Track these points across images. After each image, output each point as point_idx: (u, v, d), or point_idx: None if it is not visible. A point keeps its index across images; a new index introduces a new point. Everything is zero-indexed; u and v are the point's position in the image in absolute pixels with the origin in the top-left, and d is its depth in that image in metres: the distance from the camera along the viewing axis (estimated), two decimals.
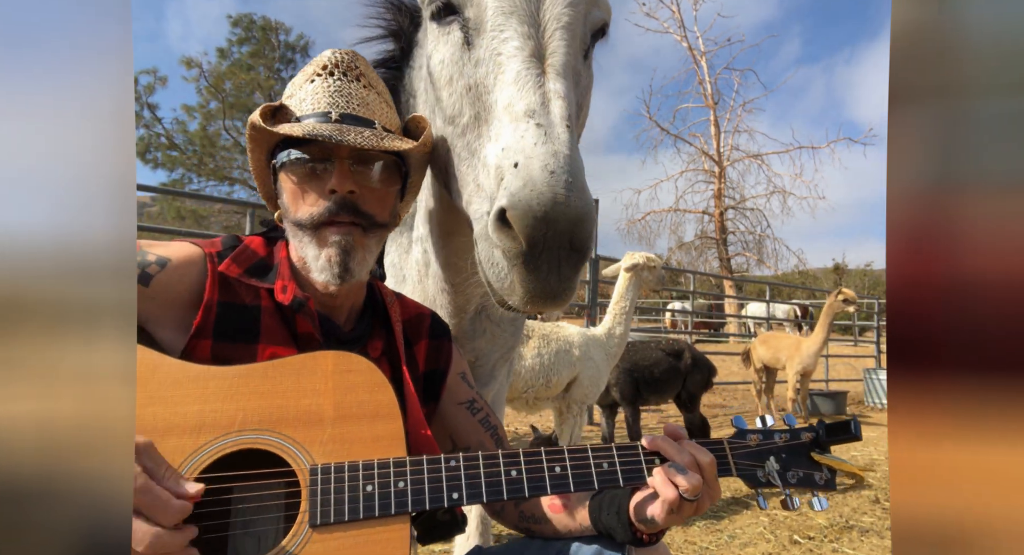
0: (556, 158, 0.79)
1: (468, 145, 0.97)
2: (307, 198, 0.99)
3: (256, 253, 1.06)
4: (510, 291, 0.85)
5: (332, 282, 0.98)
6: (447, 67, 1.01)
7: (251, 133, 1.01)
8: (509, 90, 0.88)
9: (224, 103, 20.71)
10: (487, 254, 0.88)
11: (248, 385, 0.88)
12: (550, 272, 0.81)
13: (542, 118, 0.84)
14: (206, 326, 0.96)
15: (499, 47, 0.92)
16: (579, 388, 4.18)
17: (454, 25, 1.01)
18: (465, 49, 0.98)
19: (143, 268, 0.95)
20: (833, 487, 0.98)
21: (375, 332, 1.13)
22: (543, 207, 0.76)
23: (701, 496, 0.90)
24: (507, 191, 0.79)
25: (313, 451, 0.87)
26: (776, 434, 1.01)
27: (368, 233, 1.01)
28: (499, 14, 0.93)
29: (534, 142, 0.81)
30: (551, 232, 0.78)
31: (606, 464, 0.94)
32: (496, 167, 0.85)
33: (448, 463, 0.89)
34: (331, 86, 1.03)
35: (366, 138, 0.96)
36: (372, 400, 0.92)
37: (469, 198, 0.96)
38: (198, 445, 0.83)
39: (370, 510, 0.84)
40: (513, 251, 0.81)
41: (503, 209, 0.79)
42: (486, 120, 0.93)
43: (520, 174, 0.79)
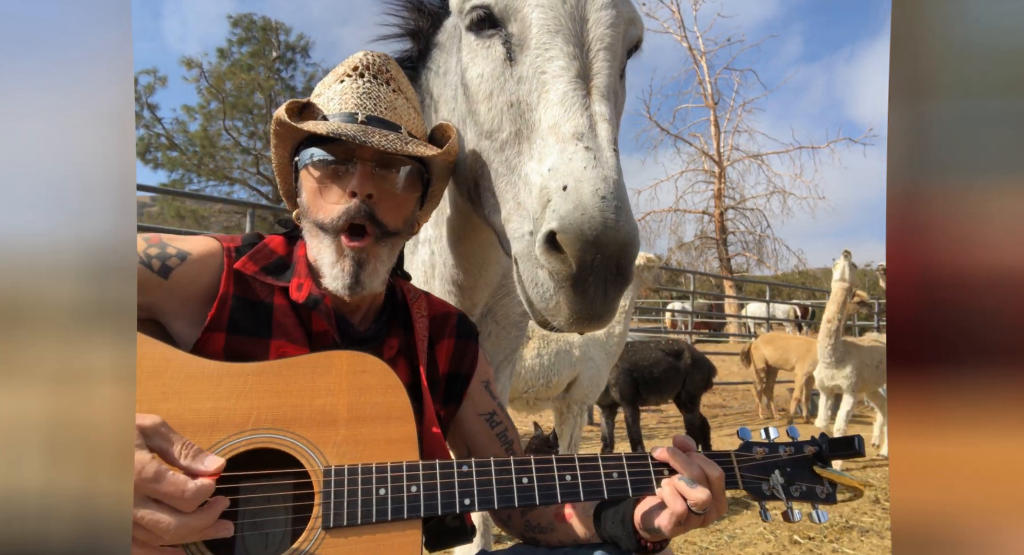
0: (606, 183, 0.80)
1: (507, 161, 0.97)
2: (327, 198, 0.99)
3: (275, 252, 1.06)
4: (555, 312, 0.86)
5: (343, 293, 0.98)
6: (486, 81, 1.00)
7: (276, 128, 1.01)
8: (555, 110, 0.88)
9: (224, 103, 20.70)
10: (530, 274, 0.88)
11: (262, 383, 0.88)
12: (596, 295, 0.82)
13: (590, 141, 0.85)
14: (220, 320, 0.96)
15: (544, 66, 0.92)
16: (579, 388, 4.21)
17: (495, 39, 1.00)
18: (507, 65, 0.98)
19: (163, 260, 0.96)
20: (834, 501, 1.00)
21: (392, 331, 1.12)
22: (594, 231, 0.78)
23: (708, 509, 0.90)
24: (556, 214, 0.80)
25: (327, 452, 0.87)
26: (780, 447, 1.03)
27: (380, 243, 1.00)
28: (544, 32, 0.93)
29: (583, 165, 0.82)
30: (600, 256, 0.79)
31: (616, 474, 0.94)
32: (541, 188, 0.85)
33: (460, 469, 0.90)
34: (360, 88, 1.03)
35: (390, 141, 0.96)
36: (386, 402, 0.92)
37: (508, 215, 0.96)
38: (212, 443, 0.83)
39: (383, 514, 0.84)
40: (562, 273, 0.82)
41: (553, 232, 0.80)
42: (528, 138, 0.93)
43: (570, 197, 0.80)
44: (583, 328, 0.86)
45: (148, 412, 0.81)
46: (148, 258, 0.95)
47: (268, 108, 21.54)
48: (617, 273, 0.82)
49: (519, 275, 0.92)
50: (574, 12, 0.94)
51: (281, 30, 21.88)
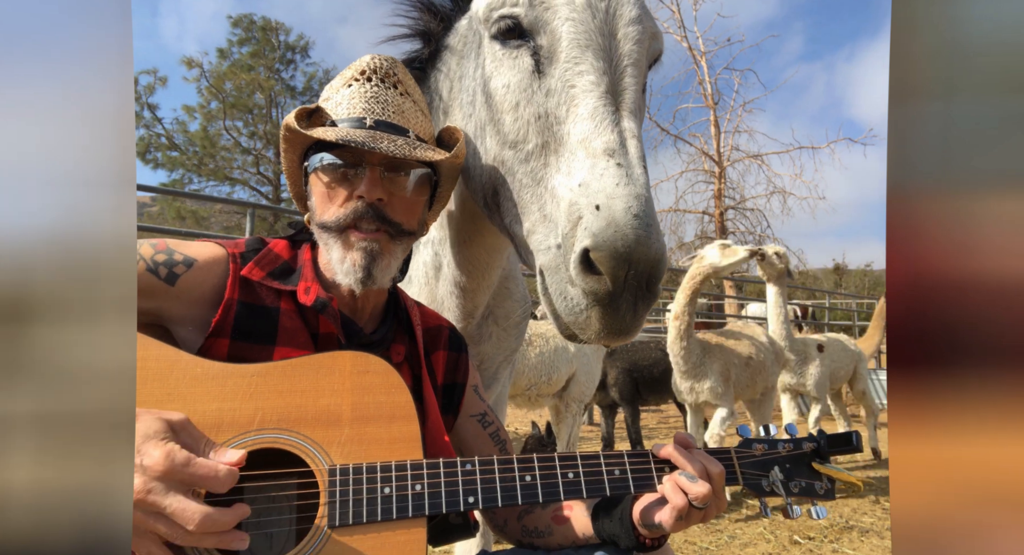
0: (639, 201, 0.81)
1: (532, 172, 0.97)
2: (336, 201, 0.99)
3: (280, 256, 1.06)
4: (584, 326, 0.87)
5: (355, 286, 0.99)
6: (513, 93, 1.00)
7: (285, 134, 1.02)
8: (585, 125, 0.89)
9: (224, 103, 20.70)
10: (559, 288, 0.89)
11: (267, 384, 0.89)
12: (627, 311, 0.84)
13: (621, 158, 0.85)
14: (225, 325, 0.97)
15: (573, 80, 0.93)
16: (576, 385, 4.34)
17: (522, 50, 1.00)
18: (535, 77, 0.98)
19: (170, 267, 0.96)
20: (832, 497, 1.01)
21: (398, 336, 1.13)
22: (627, 248, 0.79)
23: (708, 505, 0.91)
24: (589, 231, 0.81)
25: (331, 451, 0.87)
26: (780, 443, 1.04)
27: (395, 240, 1.01)
28: (575, 46, 0.94)
29: (616, 183, 0.83)
30: (632, 272, 0.80)
31: (618, 471, 0.95)
32: (571, 203, 0.86)
33: (464, 467, 0.90)
34: (368, 92, 1.03)
35: (399, 146, 0.96)
36: (389, 401, 0.93)
37: (532, 226, 0.97)
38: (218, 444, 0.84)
39: (388, 512, 0.85)
40: (595, 290, 0.83)
41: (587, 249, 0.81)
42: (555, 151, 0.93)
43: (603, 215, 0.81)
44: (611, 342, 0.88)
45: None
46: (155, 265, 0.96)
47: (268, 108, 21.55)
48: (647, 289, 0.83)
49: (545, 287, 0.93)
50: (603, 27, 0.95)
51: (281, 30, 21.88)
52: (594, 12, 0.95)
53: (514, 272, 1.66)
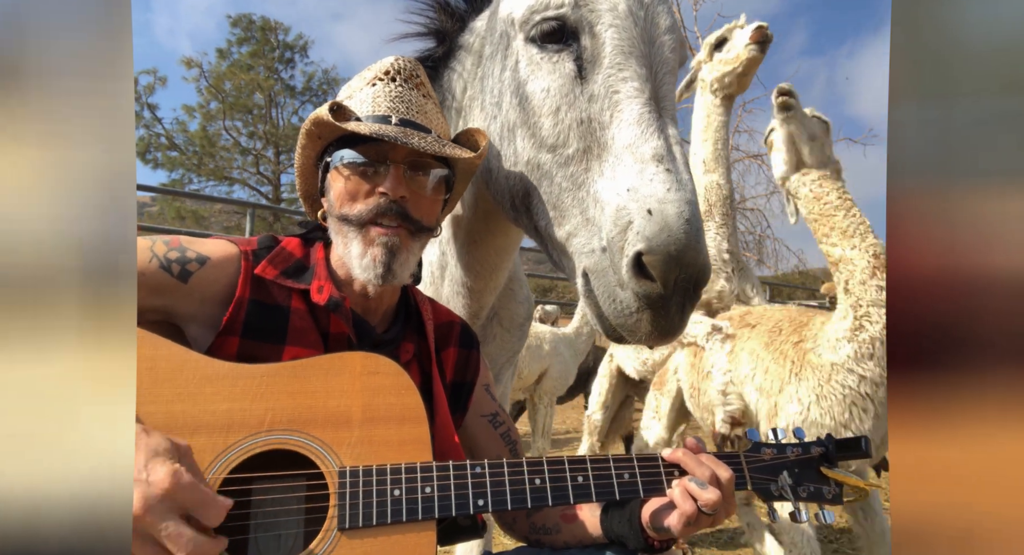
0: (690, 206, 0.84)
1: (572, 176, 0.98)
2: (358, 198, 1.00)
3: (293, 254, 1.06)
4: (634, 328, 0.89)
5: (374, 281, 0.99)
6: (553, 97, 1.01)
7: (311, 128, 1.02)
8: (631, 131, 0.90)
9: (224, 103, 20.70)
10: (608, 292, 0.90)
11: (277, 384, 0.89)
12: (676, 312, 0.86)
13: (670, 164, 0.87)
14: (235, 323, 0.97)
15: (618, 86, 0.94)
16: (548, 380, 4.59)
17: (564, 55, 1.01)
18: (577, 82, 0.99)
19: (183, 265, 0.96)
20: (840, 501, 1.01)
21: (407, 335, 1.13)
22: (679, 252, 0.81)
23: (718, 509, 0.91)
24: (642, 235, 0.83)
25: (341, 453, 0.87)
26: (788, 448, 1.04)
27: (414, 237, 1.02)
28: (619, 53, 0.95)
29: (667, 188, 0.84)
30: (683, 275, 0.82)
31: (627, 475, 0.95)
32: (618, 207, 0.87)
33: (474, 470, 0.90)
34: (392, 91, 1.04)
35: (428, 143, 0.98)
36: (400, 403, 0.93)
37: (574, 230, 0.97)
38: (227, 444, 0.84)
39: (398, 515, 0.85)
40: (648, 293, 0.84)
41: (639, 253, 0.83)
42: (598, 156, 0.94)
43: (655, 220, 0.82)
44: (659, 343, 0.90)
45: (164, 413, 0.82)
46: (168, 262, 0.96)
47: (267, 108, 21.55)
48: (694, 291, 0.86)
49: (590, 289, 0.94)
50: (644, 35, 0.97)
51: (280, 29, 21.88)
52: (635, 20, 0.97)
53: (518, 273, 1.66)
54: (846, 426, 1.95)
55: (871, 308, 1.93)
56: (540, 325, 4.70)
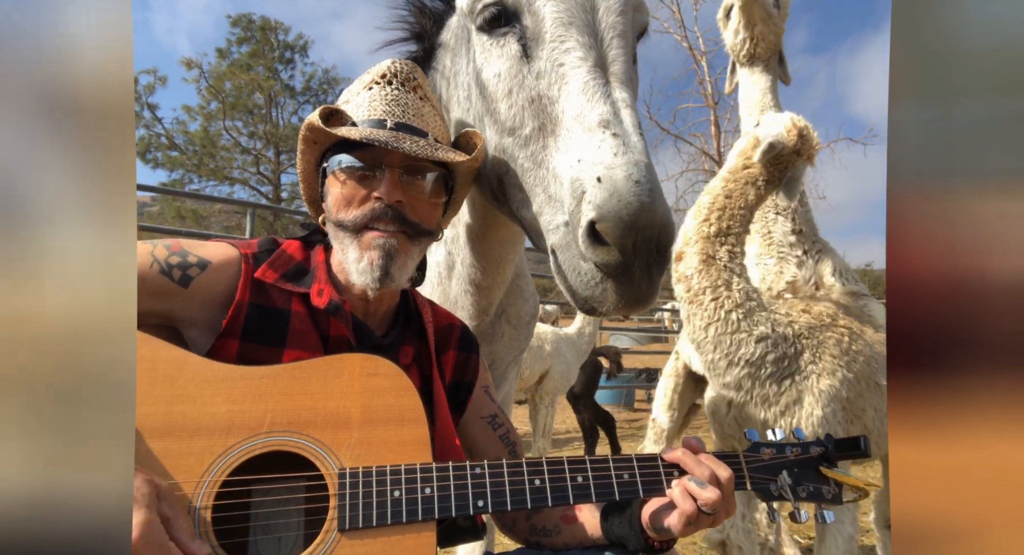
0: (638, 167, 0.82)
1: (532, 156, 0.98)
2: (354, 203, 1.00)
3: (293, 258, 1.06)
4: (601, 298, 0.87)
5: (371, 285, 0.98)
6: (504, 80, 1.02)
7: (306, 134, 1.02)
8: (577, 100, 0.89)
9: (224, 103, 20.70)
10: (572, 264, 0.90)
11: (276, 386, 0.89)
12: (641, 278, 0.84)
13: (617, 127, 0.86)
14: (235, 326, 0.97)
15: (561, 58, 0.93)
16: (550, 381, 4.59)
17: (509, 37, 1.02)
18: (523, 61, 1.00)
19: (184, 269, 0.96)
20: (840, 501, 1.00)
21: (407, 338, 1.13)
22: (632, 216, 0.79)
23: (718, 509, 0.91)
24: (593, 204, 0.81)
25: (340, 454, 0.87)
26: (788, 448, 1.03)
27: (412, 240, 1.01)
28: (558, 25, 0.95)
29: (614, 153, 0.83)
30: (640, 239, 0.80)
31: (627, 475, 0.95)
32: (573, 179, 0.86)
33: (473, 471, 0.90)
34: (388, 95, 1.04)
35: (421, 147, 0.97)
36: (399, 404, 0.93)
37: (539, 208, 0.98)
38: (227, 446, 0.84)
39: (398, 516, 0.85)
40: (607, 262, 0.83)
41: (592, 221, 0.81)
42: (552, 131, 0.94)
43: (605, 186, 0.81)
44: (629, 311, 0.88)
45: (163, 414, 0.82)
46: (169, 267, 0.96)
47: (268, 108, 21.54)
48: (658, 254, 0.84)
49: (558, 265, 0.94)
50: (584, 2, 0.96)
51: (280, 29, 21.88)
52: None
53: (524, 270, 1.67)
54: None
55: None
56: (542, 325, 4.71)
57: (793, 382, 1.78)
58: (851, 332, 1.88)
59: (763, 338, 1.76)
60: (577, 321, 4.99)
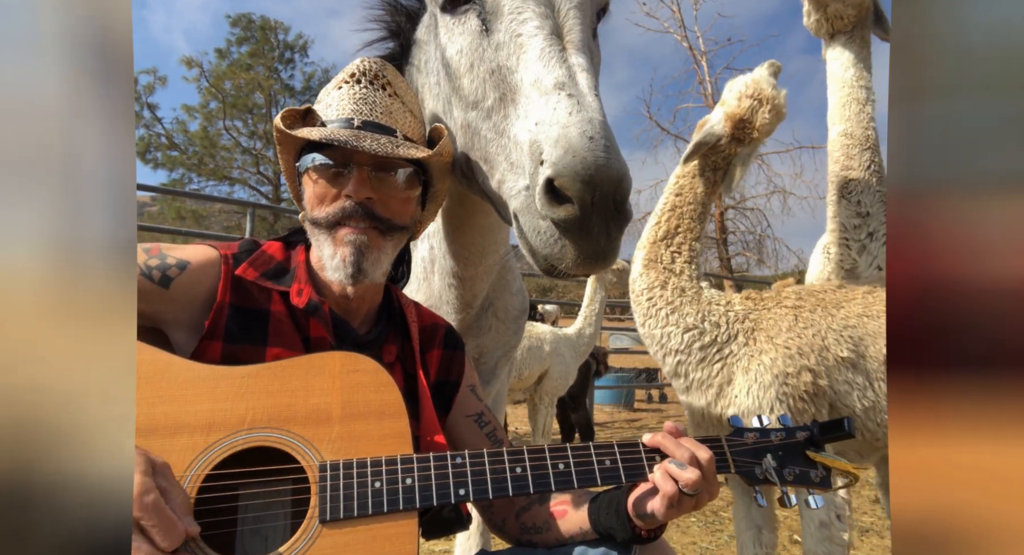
0: (592, 124, 0.83)
1: (495, 126, 1.00)
2: (326, 200, 1.02)
3: (273, 257, 1.08)
4: (561, 256, 0.88)
5: (345, 282, 1.00)
6: (466, 55, 1.04)
7: (276, 135, 1.05)
8: (535, 67, 0.92)
9: (224, 103, 20.70)
10: (532, 225, 0.91)
11: (257, 384, 0.90)
12: (600, 234, 0.85)
13: (572, 88, 0.88)
14: (216, 328, 0.98)
15: (518, 28, 0.96)
16: (549, 381, 4.61)
17: (470, 14, 1.04)
18: (483, 35, 1.02)
19: (163, 271, 0.98)
20: (828, 485, 1.01)
21: (390, 337, 1.14)
22: (587, 171, 0.80)
23: (700, 491, 0.91)
24: (549, 161, 0.83)
25: (322, 448, 0.88)
26: (772, 432, 1.04)
27: (385, 236, 1.03)
28: None
29: (568, 112, 0.84)
30: (597, 194, 0.81)
31: (608, 461, 0.95)
32: (531, 142, 0.88)
33: (454, 460, 0.91)
34: (356, 94, 1.06)
35: (381, 145, 0.99)
36: (379, 399, 0.94)
37: (502, 177, 0.99)
38: (208, 443, 0.85)
39: (379, 506, 0.85)
40: (564, 218, 0.84)
41: (550, 179, 0.83)
42: (512, 100, 0.96)
43: (560, 143, 0.82)
44: (589, 269, 0.89)
45: (145, 415, 0.84)
46: (148, 269, 0.97)
47: (268, 108, 21.54)
48: (616, 210, 0.85)
49: (520, 229, 0.95)
50: None
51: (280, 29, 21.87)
52: None
53: (511, 264, 1.68)
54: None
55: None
56: (541, 325, 4.73)
57: (725, 365, 1.87)
58: (798, 310, 1.90)
59: (690, 329, 1.88)
60: (577, 322, 5.00)
